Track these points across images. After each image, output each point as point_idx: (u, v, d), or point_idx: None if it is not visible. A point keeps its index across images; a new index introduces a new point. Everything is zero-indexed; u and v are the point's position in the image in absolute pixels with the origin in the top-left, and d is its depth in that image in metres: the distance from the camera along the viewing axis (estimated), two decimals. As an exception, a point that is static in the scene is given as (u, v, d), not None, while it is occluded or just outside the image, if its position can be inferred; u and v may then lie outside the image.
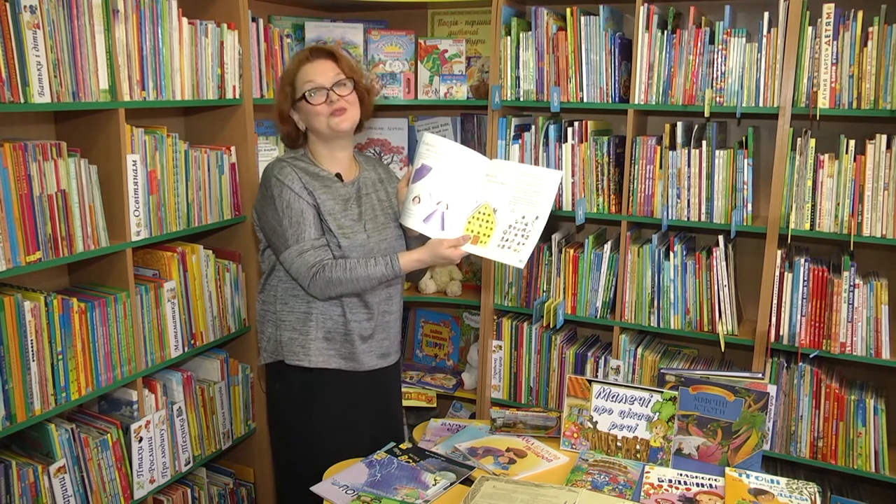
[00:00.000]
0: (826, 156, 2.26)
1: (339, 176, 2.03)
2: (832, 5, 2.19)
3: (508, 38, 2.62)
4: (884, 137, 2.19)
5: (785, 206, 2.33)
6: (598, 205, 2.60)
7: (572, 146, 2.58)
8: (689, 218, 2.46)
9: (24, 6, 1.72)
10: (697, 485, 1.78)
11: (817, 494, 1.73)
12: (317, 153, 2.03)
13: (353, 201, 2.02)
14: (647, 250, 2.52)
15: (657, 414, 1.88)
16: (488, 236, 1.91)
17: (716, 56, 2.35)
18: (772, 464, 2.52)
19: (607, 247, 2.59)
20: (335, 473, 1.85)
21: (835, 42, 2.20)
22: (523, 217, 1.90)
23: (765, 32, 2.28)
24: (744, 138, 2.38)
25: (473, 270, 3.04)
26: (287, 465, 2.11)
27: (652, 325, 2.55)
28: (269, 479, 2.73)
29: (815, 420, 2.37)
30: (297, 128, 2.03)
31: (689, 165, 2.42)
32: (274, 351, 2.05)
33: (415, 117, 3.08)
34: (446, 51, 2.86)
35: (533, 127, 2.64)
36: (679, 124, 2.45)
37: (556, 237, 2.68)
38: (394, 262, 1.91)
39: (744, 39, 2.32)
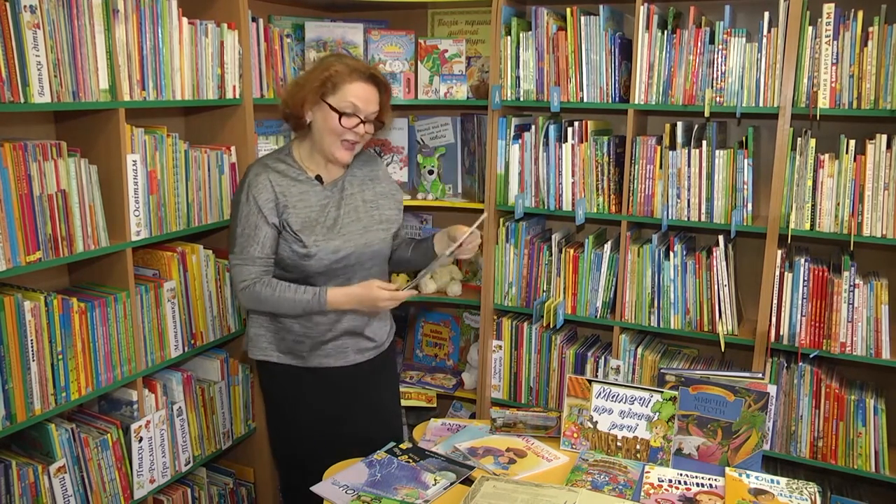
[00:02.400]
0: (826, 156, 2.26)
1: (318, 178, 2.01)
2: (832, 5, 2.19)
3: (508, 37, 2.62)
4: (884, 137, 2.19)
5: (785, 206, 2.33)
6: (598, 205, 2.60)
7: (572, 146, 2.58)
8: (689, 218, 2.46)
9: (24, 6, 1.72)
10: (697, 485, 1.77)
11: (817, 494, 1.73)
12: (304, 152, 2.02)
13: (332, 205, 2.00)
14: (647, 250, 2.52)
15: (657, 414, 1.88)
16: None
17: (716, 56, 2.35)
18: (772, 464, 2.52)
19: (607, 247, 2.59)
20: (335, 473, 1.85)
21: (835, 42, 2.20)
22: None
23: (765, 32, 2.27)
24: (744, 138, 2.38)
25: (473, 270, 3.04)
26: (278, 456, 2.20)
27: (652, 325, 2.55)
28: (270, 479, 2.73)
29: (815, 420, 2.37)
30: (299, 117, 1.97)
31: (689, 165, 2.42)
32: (247, 342, 2.11)
33: (415, 117, 3.08)
34: (446, 51, 2.86)
35: (533, 127, 2.64)
36: (679, 124, 2.45)
37: (556, 237, 2.69)
38: (321, 296, 1.93)
39: (744, 39, 2.32)
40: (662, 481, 1.78)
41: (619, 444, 1.92)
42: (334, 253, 1.95)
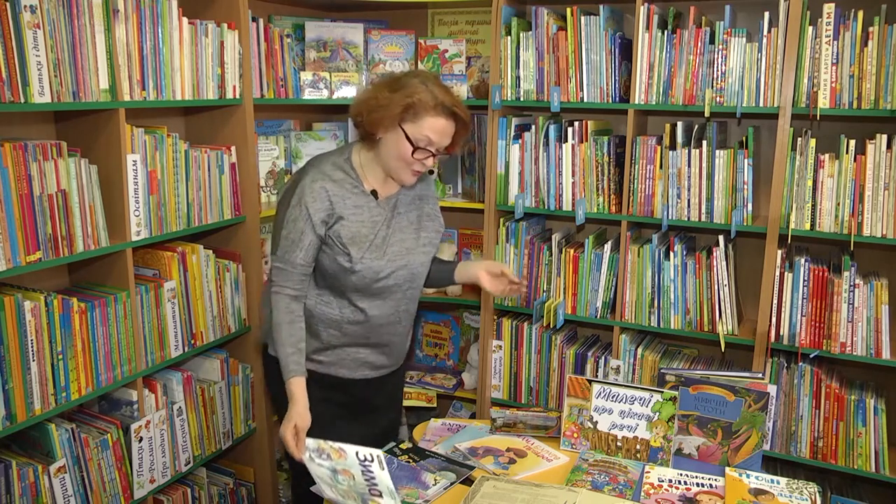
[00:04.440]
0: (826, 156, 2.26)
1: (374, 193, 1.94)
2: (832, 5, 2.19)
3: (508, 37, 2.62)
4: (884, 137, 2.19)
5: (785, 206, 2.33)
6: (599, 205, 2.60)
7: (572, 146, 2.58)
8: (689, 218, 2.46)
9: (25, 6, 1.72)
10: (697, 485, 1.77)
11: (817, 494, 1.73)
12: (366, 165, 1.94)
13: (384, 223, 1.94)
14: (647, 250, 2.52)
15: (657, 414, 1.88)
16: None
17: (716, 56, 2.34)
18: (772, 464, 2.52)
19: (607, 247, 2.59)
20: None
21: (835, 42, 2.20)
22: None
23: (765, 32, 2.27)
24: (744, 138, 2.38)
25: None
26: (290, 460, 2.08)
27: (652, 325, 2.55)
28: (270, 479, 2.73)
29: (815, 420, 2.37)
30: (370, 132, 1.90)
31: (689, 165, 2.42)
32: (266, 334, 2.05)
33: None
34: (446, 51, 2.86)
35: (533, 127, 2.64)
36: (679, 124, 2.45)
37: (556, 237, 2.69)
38: (289, 371, 1.87)
39: (744, 39, 2.32)
40: (662, 481, 1.78)
41: (619, 444, 1.92)
42: (376, 273, 1.91)
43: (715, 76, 2.36)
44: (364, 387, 2.06)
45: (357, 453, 1.62)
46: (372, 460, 1.61)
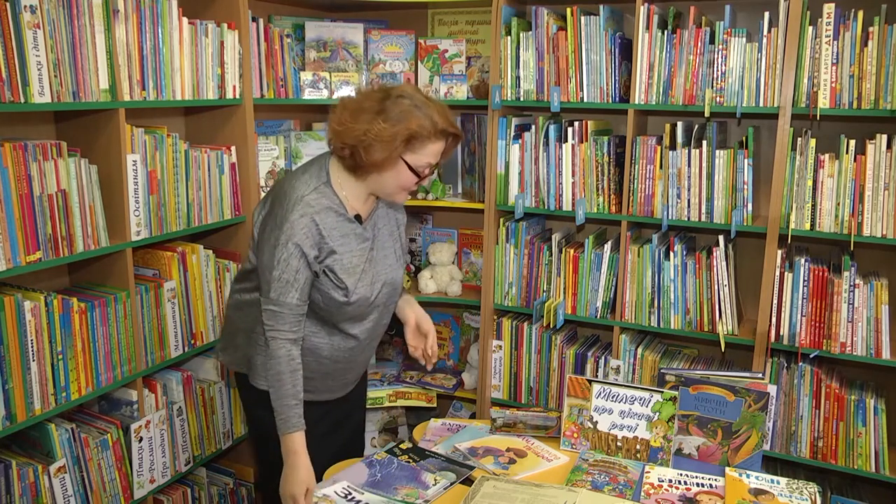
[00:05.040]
0: (826, 156, 2.26)
1: (357, 218, 1.85)
2: (832, 5, 2.19)
3: (508, 37, 2.61)
4: (884, 137, 2.19)
5: (785, 206, 2.33)
6: (599, 205, 2.60)
7: (572, 146, 2.58)
8: (689, 218, 2.46)
9: (25, 6, 1.72)
10: (697, 485, 1.77)
11: (817, 494, 1.73)
12: (345, 185, 1.82)
13: (369, 246, 1.87)
14: (647, 250, 2.52)
15: (657, 414, 1.88)
16: None
17: (716, 56, 2.34)
18: (772, 464, 2.52)
19: (607, 247, 2.59)
20: (335, 473, 1.85)
21: (835, 42, 2.20)
22: None
23: (765, 32, 2.27)
24: (744, 138, 2.38)
25: (473, 270, 3.04)
26: (263, 463, 2.03)
27: (652, 325, 2.55)
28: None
29: (815, 420, 2.37)
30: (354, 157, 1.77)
31: (689, 165, 2.42)
32: (240, 364, 1.95)
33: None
34: (446, 51, 2.86)
35: (533, 127, 2.64)
36: (679, 124, 2.45)
37: (556, 237, 2.68)
38: (291, 426, 1.75)
39: (744, 39, 2.32)
40: (662, 481, 1.78)
41: (619, 444, 1.91)
42: (367, 299, 1.85)
43: (715, 76, 2.36)
44: (342, 402, 2.04)
45: (336, 492, 1.68)
46: (349, 493, 1.68)
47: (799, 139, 2.30)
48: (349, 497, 1.72)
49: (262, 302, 1.79)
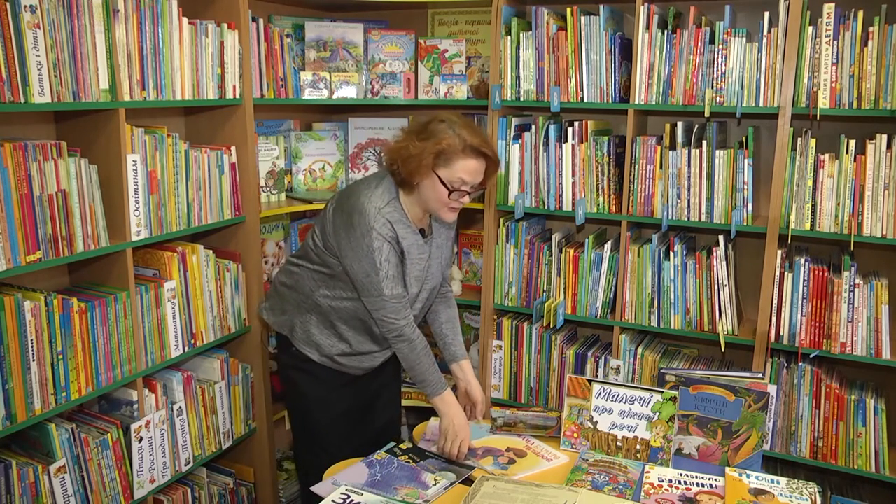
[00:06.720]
0: (826, 156, 2.26)
1: (422, 232, 2.06)
2: (832, 5, 2.19)
3: (508, 37, 2.61)
4: (884, 137, 2.19)
5: (785, 206, 2.33)
6: (599, 205, 2.60)
7: (572, 146, 2.58)
8: (689, 218, 2.46)
9: (25, 6, 1.72)
10: (697, 485, 1.78)
11: (817, 494, 1.73)
12: (410, 207, 2.02)
13: (428, 257, 2.08)
14: (647, 250, 2.52)
15: (657, 414, 1.88)
16: None
17: (716, 56, 2.34)
18: (772, 464, 2.52)
19: (607, 247, 2.59)
20: (335, 473, 1.86)
21: (835, 42, 2.20)
22: None
23: (765, 32, 2.27)
24: (744, 138, 2.38)
25: (473, 270, 3.04)
26: (296, 428, 2.26)
27: (652, 325, 2.55)
28: (270, 479, 2.73)
29: (815, 420, 2.37)
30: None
31: (689, 165, 2.42)
32: (283, 327, 2.17)
33: (415, 117, 3.07)
34: (446, 51, 2.86)
35: (533, 127, 2.64)
36: (679, 124, 2.45)
37: (556, 237, 2.69)
38: (442, 386, 2.03)
39: (744, 39, 2.32)
40: (662, 481, 1.78)
41: (619, 444, 1.92)
42: (412, 296, 2.05)
43: (715, 76, 2.36)
44: (380, 369, 2.21)
45: (334, 501, 1.72)
46: (348, 496, 1.73)
47: (799, 139, 2.30)
48: (348, 500, 1.72)
49: (379, 304, 1.97)
